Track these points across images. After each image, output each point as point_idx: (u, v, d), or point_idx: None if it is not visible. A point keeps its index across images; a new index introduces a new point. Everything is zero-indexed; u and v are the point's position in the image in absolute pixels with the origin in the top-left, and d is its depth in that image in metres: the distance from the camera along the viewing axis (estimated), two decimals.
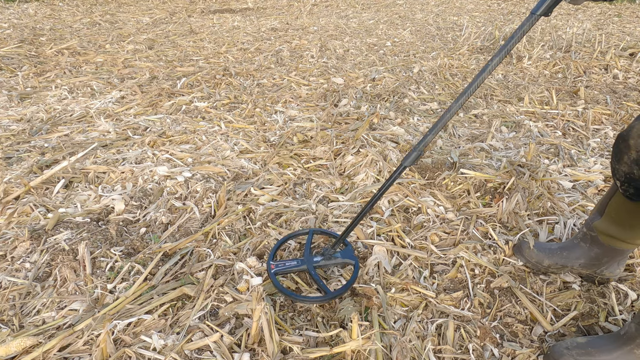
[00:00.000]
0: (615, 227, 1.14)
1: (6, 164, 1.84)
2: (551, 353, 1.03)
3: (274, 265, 1.33)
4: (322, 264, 1.34)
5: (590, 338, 1.05)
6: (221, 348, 1.04)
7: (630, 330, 0.98)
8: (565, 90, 2.86)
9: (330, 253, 1.34)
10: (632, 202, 1.03)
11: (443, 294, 1.27)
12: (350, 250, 1.38)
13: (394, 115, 2.43)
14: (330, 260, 1.34)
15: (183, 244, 1.41)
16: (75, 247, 1.35)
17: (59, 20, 4.74)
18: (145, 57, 3.48)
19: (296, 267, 1.33)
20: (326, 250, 1.35)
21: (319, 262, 1.34)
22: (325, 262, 1.34)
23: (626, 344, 0.98)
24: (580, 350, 1.00)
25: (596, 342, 1.02)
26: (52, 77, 2.92)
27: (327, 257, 1.35)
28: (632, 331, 0.98)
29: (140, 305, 1.17)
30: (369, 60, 3.57)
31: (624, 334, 1.00)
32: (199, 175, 1.79)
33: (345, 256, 1.36)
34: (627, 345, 0.98)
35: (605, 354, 0.98)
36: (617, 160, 0.99)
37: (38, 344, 1.05)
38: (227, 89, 2.83)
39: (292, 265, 1.33)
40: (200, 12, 5.63)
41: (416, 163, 1.20)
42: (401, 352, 1.05)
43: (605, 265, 1.24)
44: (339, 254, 1.36)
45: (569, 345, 1.02)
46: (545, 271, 1.32)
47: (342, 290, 1.24)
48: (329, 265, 1.35)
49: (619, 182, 1.02)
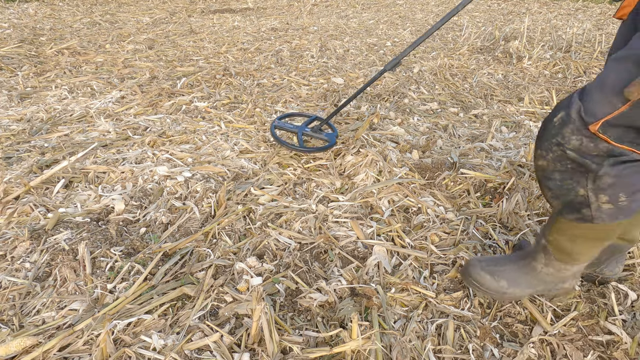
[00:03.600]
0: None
1: (6, 163, 1.84)
2: (465, 265, 1.21)
3: (277, 122, 1.97)
4: (309, 133, 1.93)
5: (500, 255, 1.24)
6: (221, 348, 1.04)
7: (532, 249, 1.13)
8: (566, 91, 2.86)
9: (317, 129, 1.92)
10: None
11: (443, 294, 1.27)
12: (334, 135, 1.92)
13: (394, 115, 2.43)
14: (316, 134, 1.92)
15: (183, 244, 1.41)
16: (75, 247, 1.35)
17: (59, 20, 4.74)
18: (145, 57, 3.48)
19: (291, 129, 1.94)
20: (315, 127, 1.93)
21: (307, 131, 1.93)
22: (311, 133, 1.92)
23: (526, 257, 1.14)
24: (489, 262, 1.17)
25: (503, 257, 1.20)
26: (52, 77, 2.92)
27: (314, 130, 1.93)
28: (531, 247, 1.14)
29: (140, 305, 1.17)
30: (369, 60, 3.57)
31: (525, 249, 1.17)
32: (199, 175, 1.79)
33: (329, 135, 1.91)
34: (526, 259, 1.14)
35: (508, 265, 1.15)
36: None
37: (38, 343, 1.05)
38: (227, 89, 2.83)
39: (289, 126, 1.96)
40: (200, 12, 5.63)
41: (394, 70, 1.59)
42: (401, 352, 1.05)
43: (605, 264, 1.24)
44: (325, 133, 1.92)
45: (481, 259, 1.20)
46: None
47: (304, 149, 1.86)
48: (314, 136, 1.93)
49: None
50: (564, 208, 0.93)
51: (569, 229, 0.98)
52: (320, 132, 1.94)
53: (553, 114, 0.88)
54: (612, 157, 0.80)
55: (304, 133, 1.95)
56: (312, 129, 1.94)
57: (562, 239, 1.01)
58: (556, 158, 0.87)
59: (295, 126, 1.97)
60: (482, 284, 1.15)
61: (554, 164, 0.89)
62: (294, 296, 1.24)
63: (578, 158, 0.83)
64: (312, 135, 1.94)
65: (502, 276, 1.13)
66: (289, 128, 1.95)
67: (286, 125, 1.96)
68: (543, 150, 0.90)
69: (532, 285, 1.13)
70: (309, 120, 2.03)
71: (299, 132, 1.93)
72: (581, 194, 0.87)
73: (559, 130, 0.84)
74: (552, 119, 0.87)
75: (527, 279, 1.12)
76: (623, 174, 0.82)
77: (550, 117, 0.89)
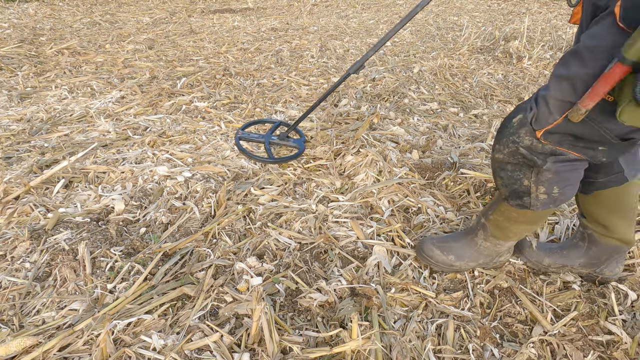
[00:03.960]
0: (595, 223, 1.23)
1: (6, 163, 1.84)
2: (419, 243, 1.36)
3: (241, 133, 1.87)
4: (276, 141, 1.86)
5: (448, 234, 1.40)
6: (221, 348, 1.04)
7: (473, 223, 1.30)
8: None
9: (284, 136, 1.85)
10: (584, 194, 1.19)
11: (443, 294, 1.27)
12: (302, 140, 1.87)
13: (394, 115, 2.43)
14: (283, 141, 1.86)
15: (183, 244, 1.41)
16: (75, 247, 1.35)
17: (59, 20, 4.74)
18: (145, 57, 3.48)
19: (257, 138, 1.86)
20: (282, 134, 1.86)
21: (274, 140, 1.86)
22: (278, 141, 1.86)
23: (469, 234, 1.30)
24: (439, 239, 1.33)
25: (451, 235, 1.36)
26: (52, 77, 2.92)
27: (281, 138, 1.86)
28: (474, 224, 1.30)
29: (140, 305, 1.17)
30: (369, 60, 3.57)
31: (469, 226, 1.34)
32: (199, 175, 1.79)
33: (296, 142, 1.85)
34: (470, 235, 1.30)
35: (455, 242, 1.31)
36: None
37: (38, 343, 1.05)
38: (227, 88, 2.83)
39: (254, 136, 1.88)
40: (200, 12, 5.63)
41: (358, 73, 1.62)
42: (401, 352, 1.05)
43: (605, 264, 1.27)
44: (292, 140, 1.86)
45: (432, 237, 1.36)
46: (545, 270, 1.33)
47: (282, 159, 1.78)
48: (281, 144, 1.86)
49: None
50: (510, 195, 1.10)
51: (507, 212, 1.16)
52: (288, 139, 1.88)
53: (513, 114, 1.00)
54: (554, 155, 0.95)
55: (271, 142, 1.88)
56: (279, 137, 1.87)
57: (501, 220, 1.19)
58: (510, 153, 1.02)
59: (260, 135, 1.90)
60: (432, 257, 1.32)
61: (508, 158, 1.04)
62: (294, 296, 1.24)
63: (528, 154, 0.98)
64: (280, 143, 1.87)
65: (450, 251, 1.30)
66: (255, 138, 1.87)
67: (251, 136, 1.87)
68: (501, 145, 1.04)
69: (475, 258, 1.30)
70: (274, 127, 1.96)
71: (265, 142, 1.86)
72: (525, 184, 1.04)
73: (516, 130, 0.98)
74: (512, 119, 1.00)
75: (471, 253, 1.29)
76: (561, 170, 0.99)
77: (510, 117, 1.01)
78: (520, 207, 1.10)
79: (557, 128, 0.89)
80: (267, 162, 1.78)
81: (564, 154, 0.94)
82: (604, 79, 0.71)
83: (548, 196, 1.03)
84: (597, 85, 0.72)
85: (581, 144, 0.91)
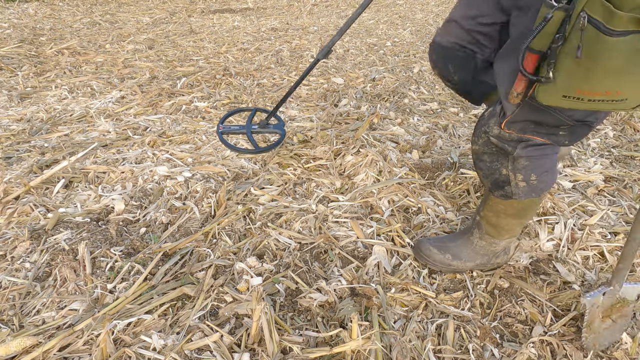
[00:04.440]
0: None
1: (6, 163, 1.84)
2: (417, 242, 1.38)
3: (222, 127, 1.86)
4: (257, 130, 1.88)
5: (446, 235, 1.42)
6: (221, 348, 1.04)
7: (469, 223, 1.34)
8: None
9: (264, 124, 1.88)
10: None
11: (443, 294, 1.27)
12: (281, 124, 1.90)
13: (394, 115, 2.43)
14: (264, 129, 1.89)
15: (183, 244, 1.41)
16: (75, 247, 1.35)
17: (59, 20, 4.74)
18: (145, 57, 3.48)
19: (238, 130, 1.88)
20: (262, 122, 1.88)
21: (255, 128, 1.89)
22: (259, 129, 1.89)
23: (466, 233, 1.33)
24: (436, 240, 1.36)
25: (450, 235, 1.38)
26: (52, 77, 2.93)
27: (262, 125, 1.89)
28: (470, 224, 1.34)
29: (140, 305, 1.17)
30: (369, 60, 3.57)
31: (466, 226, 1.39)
32: (199, 175, 1.79)
33: (276, 127, 1.89)
34: (467, 234, 1.32)
35: (452, 242, 1.32)
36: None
37: (38, 343, 1.05)
38: (227, 88, 2.83)
39: (236, 128, 1.89)
40: (200, 12, 5.63)
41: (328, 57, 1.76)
42: (401, 352, 1.05)
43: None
44: (272, 126, 1.90)
45: (430, 238, 1.38)
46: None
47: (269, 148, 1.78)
48: (263, 132, 1.90)
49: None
50: (492, 186, 1.15)
51: (495, 205, 1.19)
52: (268, 125, 1.91)
53: (487, 107, 1.10)
54: (522, 142, 1.03)
55: (253, 131, 1.91)
56: (259, 125, 1.91)
57: (490, 215, 1.23)
58: (484, 143, 1.09)
59: (241, 126, 1.92)
60: (429, 257, 1.33)
61: (482, 148, 1.10)
62: (294, 296, 1.24)
63: (498, 143, 1.06)
64: (261, 131, 1.92)
65: (447, 250, 1.31)
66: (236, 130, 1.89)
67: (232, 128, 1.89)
68: (475, 137, 1.11)
69: (472, 258, 1.31)
70: (251, 116, 1.98)
71: (247, 132, 1.89)
72: (504, 173, 1.10)
73: (487, 121, 1.07)
74: (484, 112, 1.10)
75: (467, 252, 1.31)
76: (533, 157, 1.05)
77: (485, 110, 1.10)
78: (504, 197, 1.14)
79: (516, 117, 0.98)
80: (252, 153, 1.79)
81: (530, 139, 1.02)
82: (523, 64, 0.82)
83: (527, 184, 1.09)
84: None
85: (543, 130, 0.99)
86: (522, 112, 0.96)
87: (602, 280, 1.31)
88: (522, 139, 1.02)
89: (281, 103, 1.84)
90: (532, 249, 1.43)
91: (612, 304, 1.10)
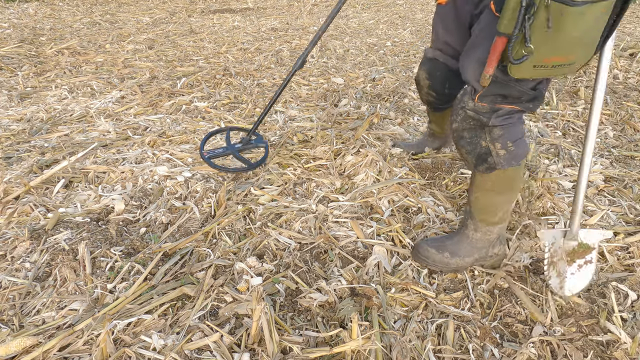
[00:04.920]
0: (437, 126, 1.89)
1: (6, 163, 1.84)
2: (415, 245, 1.40)
3: (207, 153, 1.82)
4: (242, 148, 1.86)
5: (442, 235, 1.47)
6: (221, 348, 1.04)
7: (463, 220, 1.38)
8: (566, 91, 2.86)
9: (246, 141, 1.88)
10: (438, 112, 1.76)
11: (443, 294, 1.27)
12: (261, 138, 1.91)
13: (394, 115, 2.43)
14: (247, 145, 1.88)
15: (183, 244, 1.41)
16: (75, 247, 1.35)
17: (59, 20, 4.74)
18: (145, 57, 3.48)
19: (223, 152, 1.84)
20: (243, 139, 1.89)
21: (239, 147, 1.86)
22: (243, 147, 1.87)
23: (461, 229, 1.38)
24: (434, 240, 1.39)
25: (446, 235, 1.42)
26: (52, 77, 2.93)
27: (244, 143, 1.88)
28: (463, 218, 1.39)
29: (140, 305, 1.17)
30: (369, 60, 3.57)
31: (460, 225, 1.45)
32: (199, 175, 1.79)
33: (258, 142, 1.90)
34: (461, 230, 1.37)
35: (449, 240, 1.36)
36: (419, 91, 1.69)
37: (38, 343, 1.05)
38: (227, 89, 2.84)
39: (220, 151, 1.84)
40: (200, 12, 5.63)
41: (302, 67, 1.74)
42: (401, 352, 1.05)
43: (444, 147, 2.01)
44: (253, 141, 1.89)
45: (427, 239, 1.42)
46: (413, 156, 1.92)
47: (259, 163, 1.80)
48: (247, 148, 1.88)
49: (425, 104, 1.75)
50: (477, 161, 1.22)
51: (482, 183, 1.26)
52: (250, 142, 1.89)
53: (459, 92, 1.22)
54: (495, 112, 1.13)
55: (239, 150, 1.86)
56: (242, 144, 1.87)
57: (479, 195, 1.28)
58: (462, 119, 1.18)
59: (225, 148, 1.87)
60: (428, 257, 1.35)
61: (462, 124, 1.19)
62: (294, 296, 1.24)
63: (475, 116, 1.15)
64: (246, 148, 1.88)
65: (444, 249, 1.34)
66: (221, 153, 1.84)
67: (217, 152, 1.84)
68: (455, 115, 1.20)
69: (469, 252, 1.33)
70: (227, 136, 1.94)
71: (234, 152, 1.84)
72: (484, 145, 1.19)
73: (461, 98, 1.18)
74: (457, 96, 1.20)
75: (465, 247, 1.33)
76: (505, 125, 1.16)
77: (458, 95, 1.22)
78: (489, 170, 1.21)
79: (486, 92, 1.11)
80: (246, 170, 1.79)
81: (502, 109, 1.14)
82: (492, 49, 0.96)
83: (507, 151, 1.18)
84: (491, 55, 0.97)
85: (509, 100, 1.12)
86: (490, 89, 1.10)
87: (602, 279, 1.31)
88: (494, 109, 1.13)
89: (260, 120, 1.84)
90: (532, 249, 1.43)
91: (574, 247, 1.21)
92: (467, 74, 1.13)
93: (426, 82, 1.60)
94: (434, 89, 1.60)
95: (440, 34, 1.47)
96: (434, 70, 1.55)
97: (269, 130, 2.25)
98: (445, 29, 1.43)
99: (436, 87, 1.58)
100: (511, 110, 1.16)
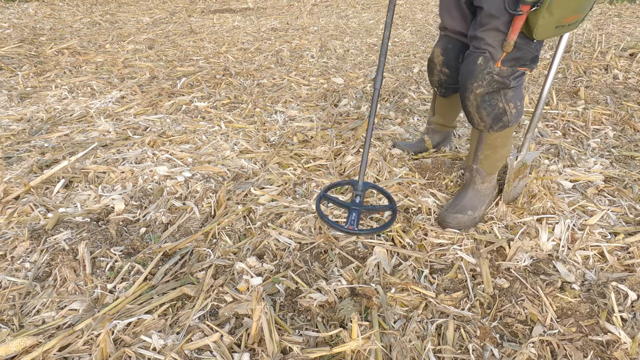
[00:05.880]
0: (441, 117, 1.90)
1: (6, 163, 1.84)
2: (440, 219, 1.52)
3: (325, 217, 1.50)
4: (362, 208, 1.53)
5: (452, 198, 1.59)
6: (221, 348, 1.04)
7: (466, 177, 1.56)
8: (566, 91, 2.86)
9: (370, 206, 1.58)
10: (444, 98, 1.78)
11: (443, 294, 1.27)
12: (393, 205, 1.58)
13: (394, 115, 2.43)
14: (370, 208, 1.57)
15: (183, 244, 1.41)
16: (75, 247, 1.35)
17: (59, 20, 4.74)
18: (145, 57, 3.48)
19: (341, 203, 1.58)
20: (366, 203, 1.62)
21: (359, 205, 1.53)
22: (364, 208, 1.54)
23: (469, 185, 1.55)
24: (451, 206, 1.53)
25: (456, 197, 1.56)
26: (52, 77, 2.93)
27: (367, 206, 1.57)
28: (468, 176, 1.55)
29: (140, 305, 1.17)
30: (369, 60, 3.57)
31: (465, 182, 1.59)
32: (199, 175, 1.79)
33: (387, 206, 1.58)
34: (470, 186, 1.55)
35: (462, 199, 1.52)
36: (430, 74, 1.71)
37: (38, 343, 1.05)
38: (227, 88, 2.84)
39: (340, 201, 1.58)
40: (200, 12, 5.63)
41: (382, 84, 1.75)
42: (401, 352, 1.05)
43: (443, 145, 2.02)
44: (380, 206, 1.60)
45: (445, 208, 1.54)
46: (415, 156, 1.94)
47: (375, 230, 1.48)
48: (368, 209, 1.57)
49: (435, 87, 1.74)
50: (493, 121, 1.39)
51: (493, 141, 1.45)
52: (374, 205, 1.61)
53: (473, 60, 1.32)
54: (513, 75, 1.32)
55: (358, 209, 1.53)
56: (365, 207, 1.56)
57: (489, 153, 1.48)
58: (488, 83, 1.32)
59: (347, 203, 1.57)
60: (459, 223, 1.49)
61: (487, 88, 1.33)
62: (294, 296, 1.24)
63: (500, 79, 1.31)
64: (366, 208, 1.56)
65: (465, 209, 1.49)
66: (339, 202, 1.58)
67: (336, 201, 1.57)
68: (480, 81, 1.32)
69: (482, 201, 1.54)
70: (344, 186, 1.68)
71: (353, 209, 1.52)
72: (501, 106, 1.37)
73: (485, 65, 1.30)
74: (475, 63, 1.32)
75: (478, 199, 1.53)
76: (516, 87, 1.36)
77: (471, 62, 1.33)
78: (502, 128, 1.40)
79: (507, 57, 1.27)
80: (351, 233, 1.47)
81: (518, 71, 1.32)
82: (517, 18, 1.15)
83: (516, 109, 1.38)
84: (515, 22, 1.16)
85: (522, 62, 1.30)
86: (510, 53, 1.26)
87: (602, 279, 1.31)
88: (514, 72, 1.30)
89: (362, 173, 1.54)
90: (532, 249, 1.43)
91: (519, 167, 1.53)
92: (486, 43, 1.27)
93: (440, 59, 1.63)
94: (447, 65, 1.62)
95: (445, 19, 1.57)
96: (447, 44, 1.61)
97: (269, 131, 2.25)
98: (450, 16, 1.53)
99: (450, 62, 1.61)
100: (523, 72, 1.33)
